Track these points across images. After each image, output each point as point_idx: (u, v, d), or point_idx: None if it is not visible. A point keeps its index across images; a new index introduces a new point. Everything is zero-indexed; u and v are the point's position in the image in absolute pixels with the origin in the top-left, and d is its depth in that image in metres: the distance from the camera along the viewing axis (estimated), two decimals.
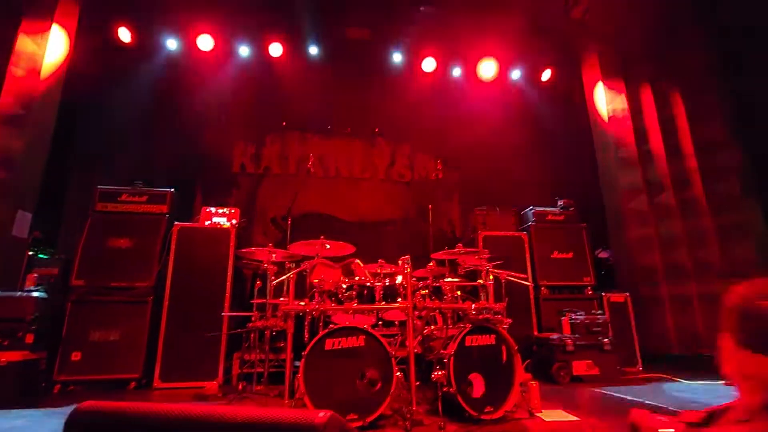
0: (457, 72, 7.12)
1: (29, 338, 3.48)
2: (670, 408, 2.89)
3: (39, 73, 4.78)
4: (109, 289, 4.06)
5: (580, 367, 4.10)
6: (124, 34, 6.01)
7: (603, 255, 6.42)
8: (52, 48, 4.96)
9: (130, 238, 4.23)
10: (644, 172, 5.80)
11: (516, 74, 7.29)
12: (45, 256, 4.40)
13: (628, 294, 4.92)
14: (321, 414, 0.99)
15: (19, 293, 3.64)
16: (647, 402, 3.23)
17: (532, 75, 7.26)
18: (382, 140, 7.56)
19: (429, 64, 6.96)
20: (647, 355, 4.94)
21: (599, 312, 4.49)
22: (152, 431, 1.03)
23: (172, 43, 6.30)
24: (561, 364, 4.10)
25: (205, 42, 6.28)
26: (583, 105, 6.75)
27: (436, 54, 6.93)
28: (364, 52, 6.87)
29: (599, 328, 4.26)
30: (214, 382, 3.92)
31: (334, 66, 6.89)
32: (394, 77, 7.08)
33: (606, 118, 6.29)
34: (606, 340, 4.18)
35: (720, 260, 5.04)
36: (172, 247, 4.24)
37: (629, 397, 3.39)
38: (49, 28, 4.90)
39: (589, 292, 4.98)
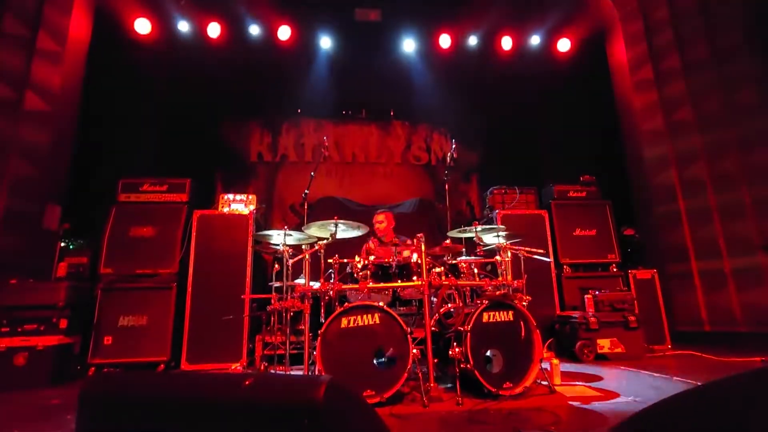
0: (472, 49, 6.91)
1: (63, 323, 3.66)
2: (697, 384, 2.78)
3: (61, 70, 4.93)
4: (135, 276, 4.20)
5: (605, 344, 4.00)
6: (142, 26, 6.09)
7: (629, 232, 6.20)
8: (72, 45, 5.09)
9: (153, 226, 4.35)
10: (672, 144, 5.54)
11: (535, 46, 7.02)
12: (74, 247, 4.57)
13: (655, 270, 4.74)
14: (322, 378, 0.99)
15: (52, 281, 3.81)
16: (675, 378, 3.13)
17: (553, 47, 6.98)
18: (398, 123, 7.48)
19: (444, 41, 6.79)
20: (676, 333, 4.79)
21: (624, 289, 4.35)
22: (162, 396, 1.05)
23: (184, 26, 6.33)
24: (584, 341, 4.01)
25: (216, 30, 6.31)
26: (607, 77, 6.47)
27: (451, 31, 6.75)
28: (377, 33, 6.75)
29: (624, 305, 4.14)
30: (239, 364, 4.04)
31: (347, 49, 6.81)
32: (408, 57, 6.95)
33: (632, 89, 6.02)
34: (632, 317, 4.06)
35: (756, 234, 4.79)
36: (193, 233, 4.34)
37: (656, 374, 3.29)
38: (68, 26, 5.02)
39: (614, 270, 4.84)
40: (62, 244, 4.73)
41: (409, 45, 6.84)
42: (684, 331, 4.99)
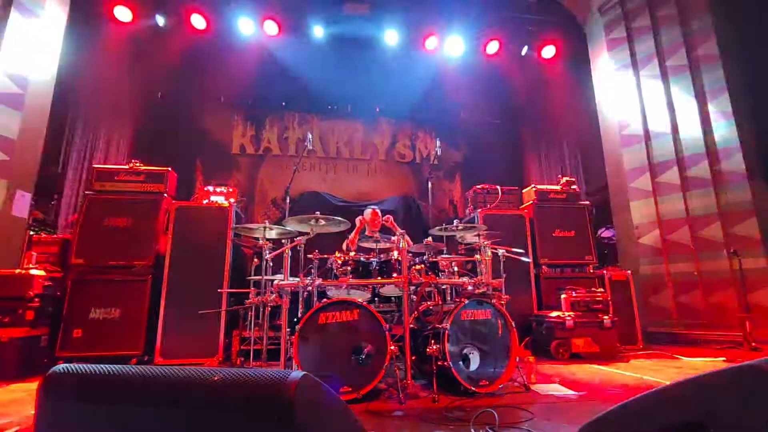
0: (459, 48, 6.93)
1: (29, 315, 3.52)
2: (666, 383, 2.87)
3: (34, 51, 4.73)
4: (108, 267, 4.08)
5: (580, 344, 4.08)
6: (122, 13, 5.91)
7: (606, 234, 6.36)
8: (46, 26, 4.90)
9: (128, 216, 4.22)
10: (648, 150, 5.68)
11: (521, 51, 7.08)
12: (45, 235, 4.41)
13: (629, 272, 4.86)
14: (294, 373, 0.98)
15: (18, 271, 3.66)
16: (645, 378, 3.22)
17: (537, 51, 7.06)
18: (383, 120, 7.48)
19: (430, 41, 6.79)
20: (648, 334, 4.93)
21: (600, 290, 4.45)
22: (126, 389, 1.01)
23: (167, 21, 6.17)
24: (560, 341, 4.08)
25: (198, 21, 6.15)
26: (588, 82, 6.59)
27: (438, 30, 6.74)
28: (364, 29, 6.71)
29: (599, 306, 4.23)
30: (214, 359, 3.97)
31: (334, 44, 6.74)
32: (395, 55, 6.92)
33: (611, 96, 6.15)
34: (606, 317, 4.15)
35: (724, 238, 4.97)
36: (171, 225, 4.23)
37: (627, 373, 3.38)
38: (43, 6, 4.83)
39: (591, 271, 4.94)
40: (31, 233, 4.56)
41: (396, 43, 6.81)
42: (655, 332, 5.14)
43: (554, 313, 4.25)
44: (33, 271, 3.65)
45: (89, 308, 3.93)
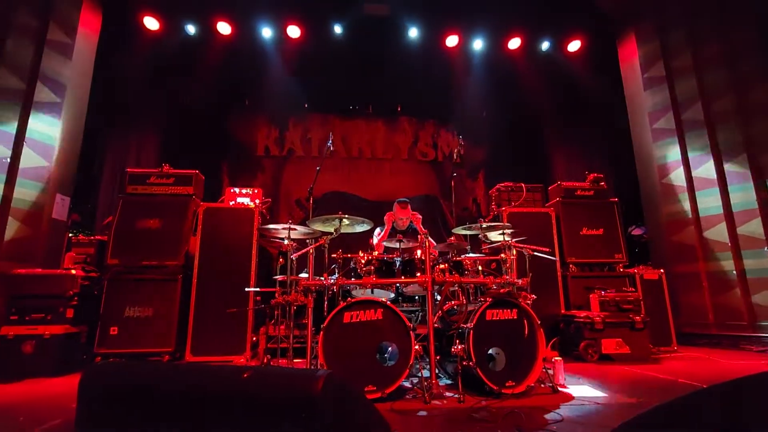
0: (481, 45, 6.85)
1: (69, 313, 3.69)
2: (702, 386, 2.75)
3: (70, 62, 4.96)
4: (141, 267, 4.23)
5: (610, 345, 3.96)
6: (151, 23, 6.12)
7: (637, 232, 6.15)
8: (82, 37, 5.12)
9: (160, 218, 4.37)
10: (682, 143, 5.46)
11: (545, 45, 6.93)
12: (82, 236, 4.62)
13: (662, 271, 4.68)
14: (320, 371, 0.99)
15: (59, 271, 3.85)
16: (680, 380, 3.10)
17: (562, 46, 6.89)
18: (404, 119, 7.47)
19: (451, 39, 6.73)
20: (683, 335, 4.74)
21: (631, 289, 4.31)
22: (162, 385, 1.05)
23: (195, 29, 6.35)
24: (589, 341, 3.98)
25: (226, 27, 6.30)
26: (616, 75, 6.38)
27: (459, 27, 6.68)
28: (385, 29, 6.72)
29: (630, 306, 4.09)
30: (242, 357, 4.06)
31: (355, 45, 6.78)
32: (416, 54, 6.88)
33: (641, 88, 5.94)
34: (638, 317, 4.01)
35: (766, 234, 4.72)
36: (199, 226, 4.36)
37: (661, 376, 3.26)
38: (77, 19, 5.05)
39: (621, 270, 4.78)
40: (70, 235, 4.79)
41: (416, 41, 6.78)
42: (690, 333, 4.94)
43: (583, 314, 4.14)
44: (72, 271, 3.83)
45: (124, 307, 4.09)
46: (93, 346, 3.95)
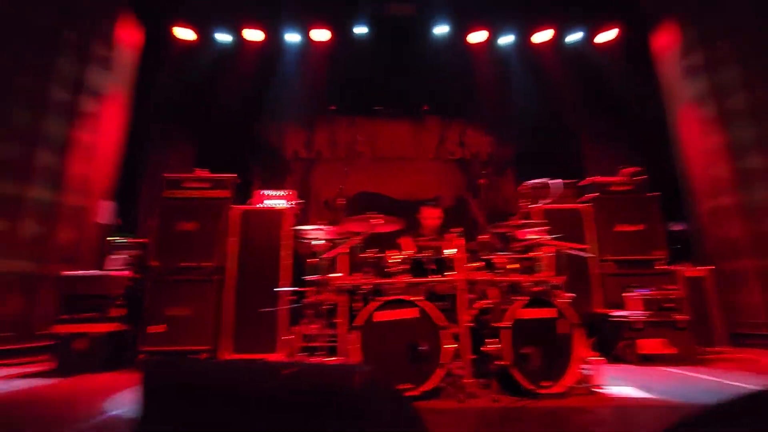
0: (508, 40, 6.73)
1: (116, 312, 3.90)
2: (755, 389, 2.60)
3: (111, 74, 5.22)
4: (180, 268, 4.39)
5: (651, 345, 3.81)
6: (184, 33, 6.35)
7: (678, 227, 5.88)
8: (121, 51, 5.39)
9: (196, 221, 4.52)
10: (726, 134, 5.17)
11: (574, 37, 6.73)
12: (126, 239, 4.86)
13: (707, 268, 4.45)
14: (360, 367, 1.01)
15: (106, 273, 4.06)
16: (728, 382, 2.94)
17: (593, 37, 6.67)
18: (431, 118, 7.43)
19: (478, 35, 6.64)
20: (731, 335, 4.49)
21: (673, 287, 4.12)
22: (214, 379, 1.10)
23: (225, 37, 6.55)
24: (628, 342, 3.83)
25: (254, 34, 6.47)
26: (649, 66, 6.12)
27: (486, 22, 6.58)
28: (409, 28, 6.70)
29: (673, 304, 3.92)
30: (276, 355, 4.15)
31: (379, 46, 6.80)
32: (442, 52, 6.83)
33: (679, 77, 5.67)
34: (681, 317, 3.84)
35: None
36: (234, 228, 4.49)
37: (707, 378, 3.10)
38: (116, 34, 5.31)
39: (661, 267, 4.58)
40: (114, 238, 5.04)
41: (442, 39, 6.73)
42: (740, 333, 4.68)
43: (621, 312, 4.00)
44: (118, 273, 4.03)
45: (165, 306, 4.27)
46: (137, 343, 4.14)
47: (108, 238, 4.94)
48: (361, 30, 6.65)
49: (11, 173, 4.18)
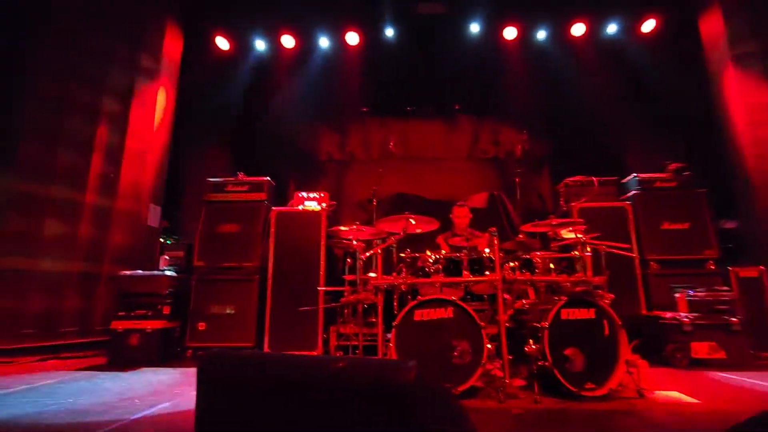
0: (542, 35, 6.58)
1: (166, 310, 4.13)
2: None
3: (158, 84, 5.52)
4: (223, 268, 4.60)
5: (701, 349, 3.64)
6: (222, 42, 6.62)
7: (730, 225, 5.56)
8: (166, 61, 5.68)
9: (237, 223, 4.72)
10: None
11: (612, 28, 6.50)
12: (172, 241, 5.13)
13: (763, 268, 4.20)
14: (412, 362, 1.04)
15: (156, 272, 4.31)
16: None
17: (633, 27, 6.41)
18: (463, 117, 7.37)
19: (510, 31, 6.53)
20: None
21: (725, 288, 3.91)
22: (269, 372, 1.17)
23: (261, 45, 6.76)
24: (677, 345, 3.67)
25: (288, 40, 6.64)
26: (697, 53, 5.81)
27: (519, 17, 6.46)
28: (439, 27, 6.67)
29: (725, 306, 3.73)
30: (314, 353, 4.27)
31: (410, 46, 6.81)
32: (473, 50, 6.75)
33: (729, 67, 5.36)
34: (734, 319, 3.64)
35: None
36: (272, 229, 4.65)
37: (762, 383, 2.94)
38: (161, 46, 5.60)
39: (712, 267, 4.36)
40: (162, 240, 5.34)
41: (473, 37, 6.66)
42: None
43: (668, 314, 3.84)
44: (167, 273, 4.27)
45: (210, 304, 4.48)
46: (185, 339, 4.36)
47: (160, 240, 5.23)
48: (390, 31, 6.68)
49: (71, 180, 4.50)
